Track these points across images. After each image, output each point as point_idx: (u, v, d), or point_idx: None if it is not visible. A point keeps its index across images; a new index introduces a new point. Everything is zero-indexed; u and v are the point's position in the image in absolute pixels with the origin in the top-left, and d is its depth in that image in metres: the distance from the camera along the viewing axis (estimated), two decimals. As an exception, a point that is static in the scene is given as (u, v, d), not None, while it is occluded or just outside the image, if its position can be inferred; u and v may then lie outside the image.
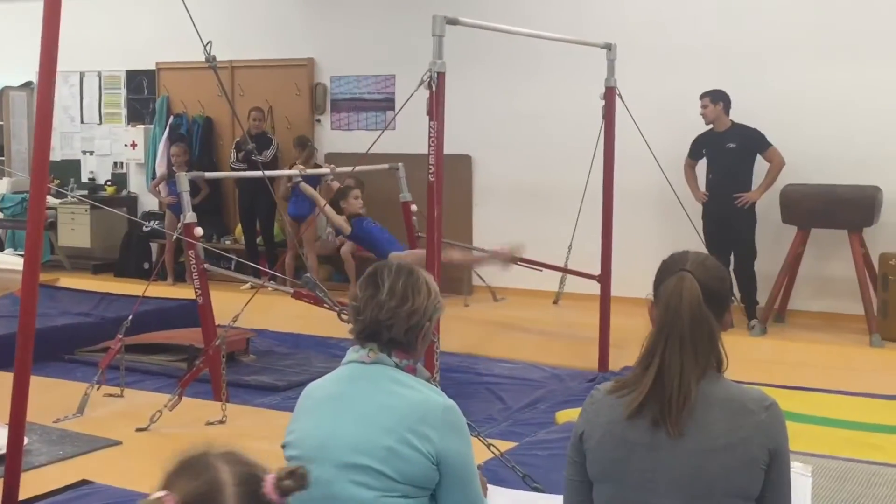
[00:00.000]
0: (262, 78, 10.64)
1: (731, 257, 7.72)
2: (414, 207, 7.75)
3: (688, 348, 2.11)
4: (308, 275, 5.35)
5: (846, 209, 7.64)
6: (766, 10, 8.41)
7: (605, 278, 7.20)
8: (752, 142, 7.84)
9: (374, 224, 8.05)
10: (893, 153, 7.97)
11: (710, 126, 7.97)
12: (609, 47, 7.04)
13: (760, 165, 7.96)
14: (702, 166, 8.16)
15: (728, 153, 7.84)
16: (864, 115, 8.08)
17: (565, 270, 7.71)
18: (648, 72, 8.54)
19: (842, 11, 8.15)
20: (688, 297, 2.13)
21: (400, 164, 8.00)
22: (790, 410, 5.25)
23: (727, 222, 7.88)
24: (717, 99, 7.84)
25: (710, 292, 2.17)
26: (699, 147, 8.07)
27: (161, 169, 10.66)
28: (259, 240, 10.09)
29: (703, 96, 7.91)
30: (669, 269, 2.23)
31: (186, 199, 6.03)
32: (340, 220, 7.78)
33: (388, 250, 7.37)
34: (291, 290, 5.84)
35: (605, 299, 7.18)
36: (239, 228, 10.46)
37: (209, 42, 4.53)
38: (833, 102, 8.15)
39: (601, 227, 7.17)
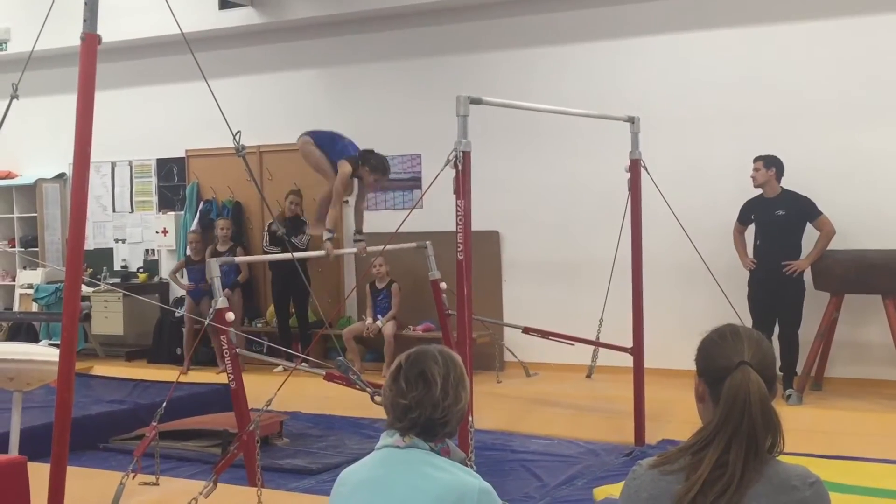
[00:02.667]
0: (289, 161, 10.69)
1: (776, 324, 7.68)
2: (443, 285, 7.76)
3: (753, 444, 2.10)
4: (340, 357, 5.35)
5: (879, 274, 7.60)
6: (787, 77, 8.49)
7: (637, 350, 7.16)
8: (803, 209, 7.79)
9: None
10: None
11: (760, 191, 7.93)
12: (632, 120, 7.10)
13: (810, 232, 7.91)
14: (750, 231, 8.14)
15: (778, 220, 7.80)
16: (891, 178, 8.10)
17: (597, 343, 7.67)
18: (671, 142, 8.63)
19: (862, 77, 8.22)
20: (756, 396, 2.11)
21: (428, 242, 8.05)
22: (831, 480, 5.14)
23: (775, 290, 7.80)
24: (770, 164, 7.81)
25: (768, 381, 2.17)
26: (748, 212, 8.03)
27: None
28: (292, 320, 10.14)
29: (756, 160, 7.86)
30: (724, 355, 2.20)
31: (217, 284, 6.06)
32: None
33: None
34: (324, 373, 5.83)
35: (638, 371, 7.12)
36: (271, 310, 10.51)
37: (238, 132, 4.60)
38: (857, 167, 8.18)
39: (631, 298, 7.15)
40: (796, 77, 8.45)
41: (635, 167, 7.04)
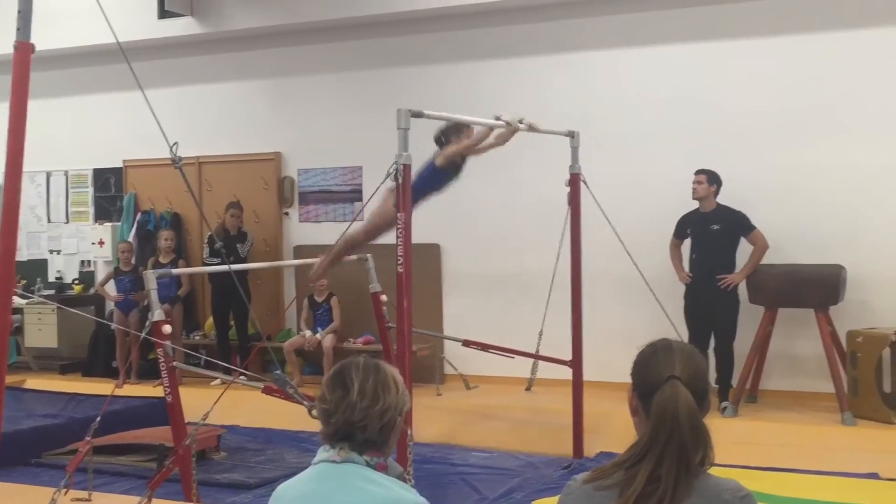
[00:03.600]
0: (229, 172, 10.68)
1: (712, 337, 7.81)
2: (384, 298, 7.74)
3: (683, 457, 2.11)
4: (278, 371, 5.29)
5: (811, 288, 7.74)
6: (726, 95, 8.62)
7: (576, 363, 7.20)
8: (737, 224, 7.91)
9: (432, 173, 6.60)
10: (854, 232, 8.14)
11: (696, 205, 8.04)
12: (572, 135, 7.17)
13: (744, 246, 8.03)
14: (686, 245, 8.23)
15: (712, 234, 7.91)
16: (825, 195, 8.25)
17: (536, 356, 7.70)
18: (612, 156, 8.72)
19: (799, 96, 8.36)
20: (684, 410, 2.12)
21: (368, 255, 8.02)
22: (765, 492, 5.26)
23: (710, 303, 7.89)
24: (713, 181, 7.92)
25: (699, 395, 2.18)
26: (684, 227, 8.13)
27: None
28: (231, 333, 10.03)
29: (698, 172, 7.97)
30: (655, 369, 2.21)
31: (154, 297, 5.97)
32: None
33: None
34: (262, 386, 5.77)
35: (577, 384, 7.17)
36: (210, 322, 10.40)
37: (175, 143, 4.54)
38: (791, 183, 8.33)
39: (571, 311, 7.19)
40: (736, 94, 8.57)
41: (575, 181, 7.10)
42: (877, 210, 8.14)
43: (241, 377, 6.12)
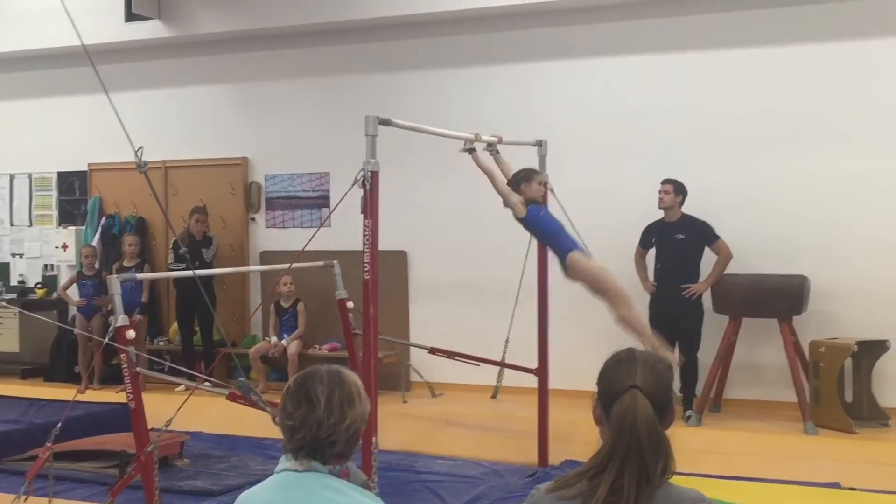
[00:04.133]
0: (196, 177, 10.60)
1: (676, 346, 7.79)
2: (350, 304, 7.70)
3: (643, 467, 2.11)
4: (242, 378, 5.26)
5: (776, 298, 7.81)
6: (689, 106, 8.69)
7: (542, 371, 7.19)
8: (701, 233, 7.98)
9: (551, 215, 6.57)
10: (817, 243, 8.22)
11: (661, 215, 8.10)
12: (540, 143, 7.20)
13: (708, 256, 8.09)
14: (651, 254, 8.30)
15: (677, 244, 7.98)
16: (788, 206, 8.34)
17: (502, 364, 7.70)
18: (580, 165, 8.75)
19: (762, 109, 8.44)
20: (643, 420, 2.12)
21: (335, 261, 7.98)
22: (727, 501, 5.30)
23: (674, 312, 7.91)
24: (679, 191, 8.00)
25: (661, 405, 2.18)
26: (649, 236, 8.20)
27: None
28: (196, 339, 9.95)
29: (665, 182, 8.04)
30: (617, 379, 2.21)
31: (118, 301, 5.91)
32: (516, 200, 6.35)
33: (567, 246, 6.18)
34: (226, 392, 5.72)
35: (542, 393, 7.16)
36: (174, 328, 10.31)
37: (140, 148, 4.49)
38: (756, 194, 8.41)
39: (537, 319, 7.19)
40: (702, 105, 8.64)
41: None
42: (840, 221, 8.22)
43: (206, 383, 6.08)
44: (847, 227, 8.19)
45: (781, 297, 7.79)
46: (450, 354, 7.72)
